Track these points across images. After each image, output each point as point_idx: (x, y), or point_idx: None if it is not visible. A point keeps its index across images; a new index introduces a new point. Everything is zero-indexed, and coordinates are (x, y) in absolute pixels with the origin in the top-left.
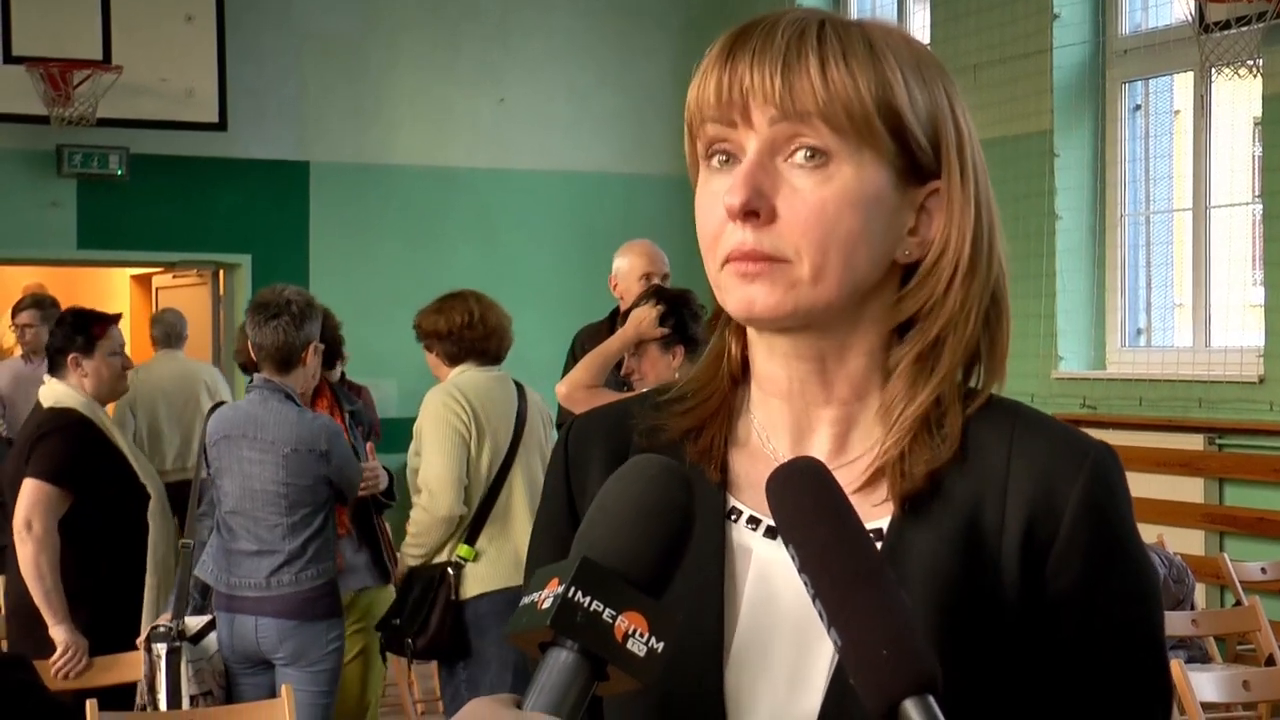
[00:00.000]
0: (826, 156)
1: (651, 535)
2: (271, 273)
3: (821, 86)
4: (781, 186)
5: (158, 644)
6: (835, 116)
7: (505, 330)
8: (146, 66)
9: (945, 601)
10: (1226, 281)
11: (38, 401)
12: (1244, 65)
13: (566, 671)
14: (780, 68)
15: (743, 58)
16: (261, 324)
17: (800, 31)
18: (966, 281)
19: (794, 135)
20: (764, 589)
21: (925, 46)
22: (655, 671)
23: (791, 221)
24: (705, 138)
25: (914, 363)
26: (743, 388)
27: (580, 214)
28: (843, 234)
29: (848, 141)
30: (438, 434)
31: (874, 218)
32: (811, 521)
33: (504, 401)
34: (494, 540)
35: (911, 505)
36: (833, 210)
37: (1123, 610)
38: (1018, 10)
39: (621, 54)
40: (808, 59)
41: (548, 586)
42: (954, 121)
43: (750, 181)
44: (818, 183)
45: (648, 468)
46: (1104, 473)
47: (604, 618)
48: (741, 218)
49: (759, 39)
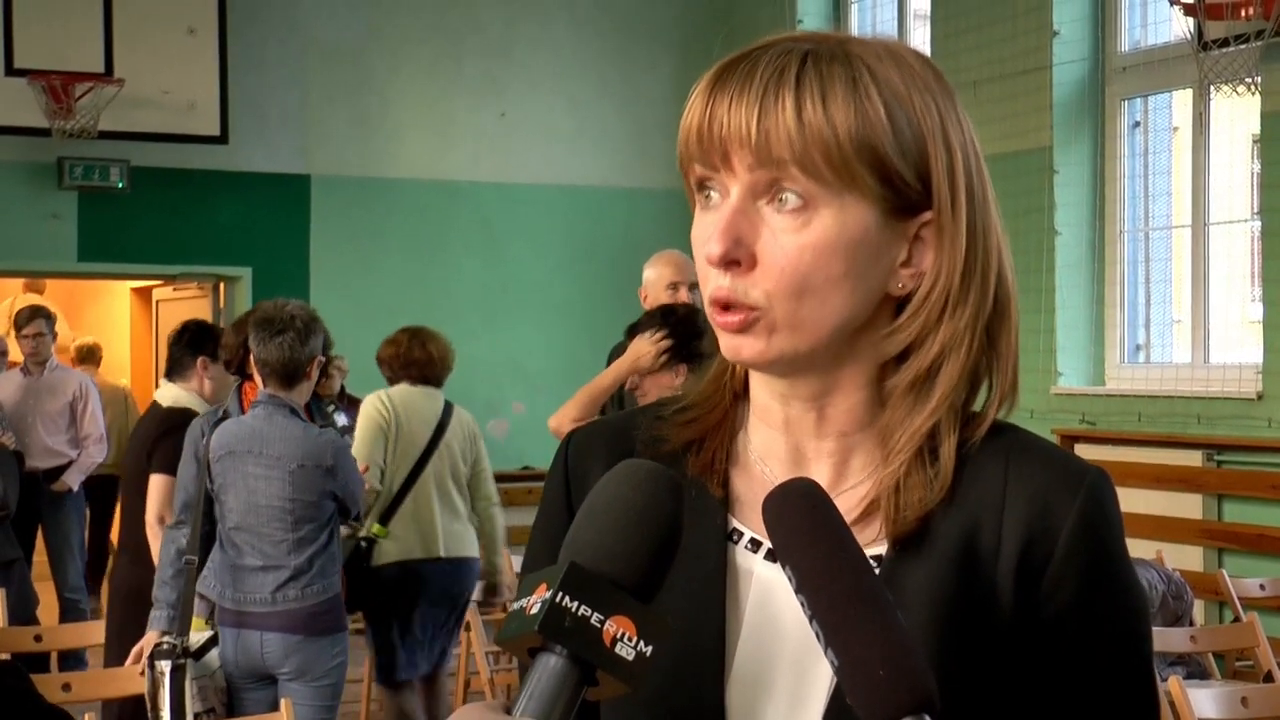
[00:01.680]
0: (806, 202)
1: (640, 539)
2: (272, 286)
3: (797, 132)
4: (763, 231)
5: (160, 661)
6: (812, 163)
7: (436, 359)
8: (148, 79)
9: (941, 625)
10: (1225, 298)
11: (154, 402)
12: (1242, 83)
13: (556, 676)
14: (757, 113)
15: (722, 100)
16: (266, 340)
17: (780, 70)
18: (958, 311)
19: (774, 180)
20: (765, 612)
21: (924, 61)
22: (644, 675)
23: (769, 269)
24: (693, 175)
25: (908, 390)
26: (744, 403)
27: (582, 227)
28: (821, 280)
29: (827, 186)
30: (363, 425)
31: (859, 259)
32: (808, 542)
33: (427, 411)
34: (402, 521)
35: (904, 545)
36: (810, 258)
37: (1115, 631)
38: (1018, 27)
39: (623, 68)
40: (784, 102)
41: (536, 592)
42: (946, 148)
43: (730, 232)
44: (796, 229)
45: (636, 472)
46: (1098, 497)
47: (592, 622)
48: (722, 267)
49: (739, 79)
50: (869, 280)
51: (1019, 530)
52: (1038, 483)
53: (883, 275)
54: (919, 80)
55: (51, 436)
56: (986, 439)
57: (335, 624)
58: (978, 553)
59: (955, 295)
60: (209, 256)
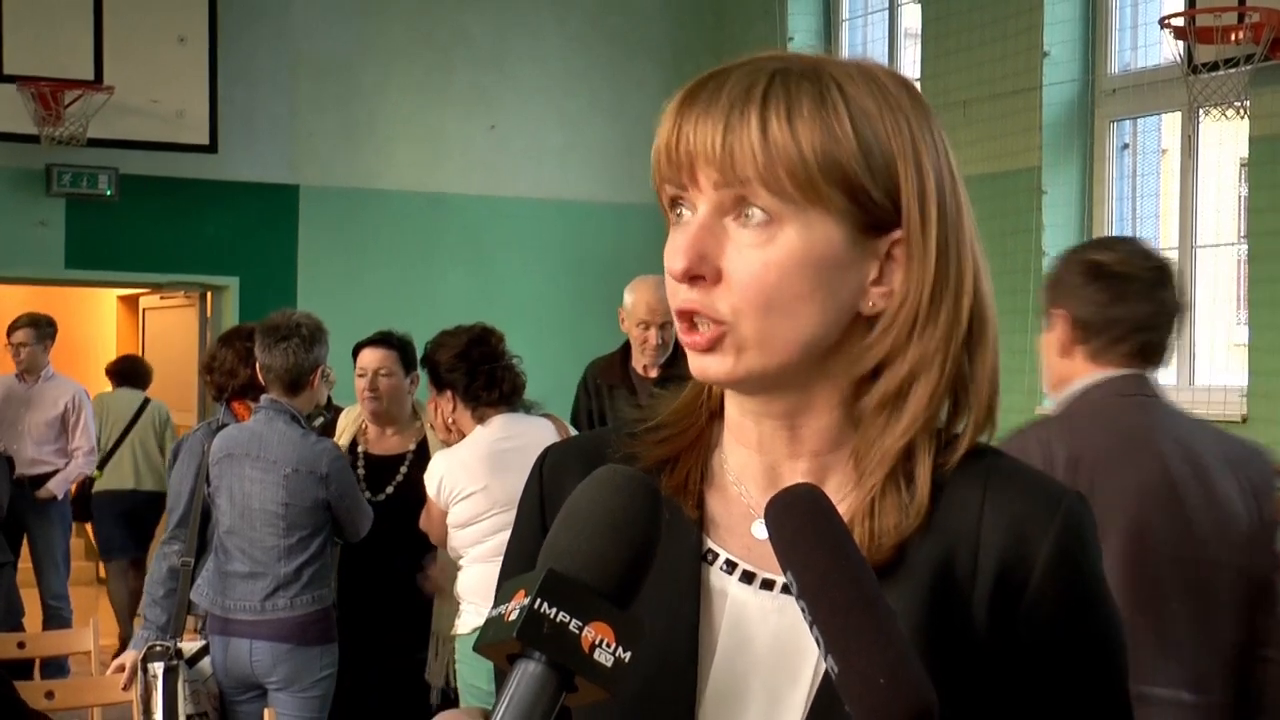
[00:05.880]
0: (772, 218)
1: (617, 545)
2: (260, 296)
3: (761, 150)
4: (728, 247)
5: (153, 663)
6: (776, 180)
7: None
8: (138, 87)
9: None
10: (1211, 321)
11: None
12: (1231, 106)
13: (534, 683)
14: (722, 129)
15: (689, 118)
16: (271, 346)
17: (747, 88)
18: (928, 330)
19: (739, 198)
20: (739, 635)
21: (899, 82)
22: (623, 681)
23: (734, 285)
24: (665, 194)
25: (878, 410)
26: (719, 421)
27: (570, 241)
28: (787, 297)
29: (792, 203)
30: None
31: (824, 277)
32: (810, 548)
33: None
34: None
35: (879, 573)
36: (775, 275)
37: (1091, 660)
38: (1008, 47)
39: (613, 83)
40: (749, 119)
41: (514, 598)
42: (917, 167)
43: (694, 247)
44: (761, 245)
45: (614, 478)
46: (1075, 522)
47: (570, 629)
48: (686, 282)
49: (707, 97)
50: (838, 298)
51: (995, 558)
52: (1014, 509)
53: (853, 293)
54: (891, 100)
55: (38, 446)
56: (965, 462)
57: (325, 634)
58: (954, 580)
59: (924, 314)
60: (197, 265)
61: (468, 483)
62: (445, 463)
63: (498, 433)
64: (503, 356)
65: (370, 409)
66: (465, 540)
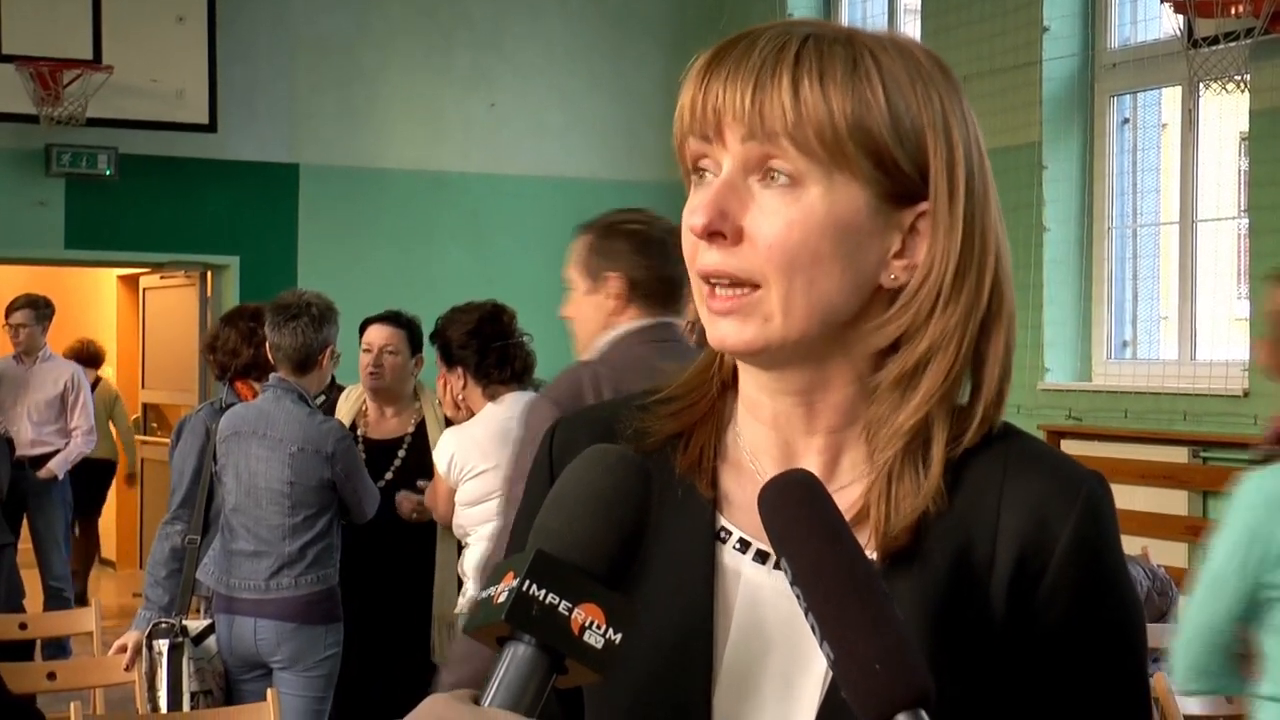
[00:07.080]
0: (796, 180)
1: (608, 526)
2: (260, 275)
3: (792, 107)
4: (751, 206)
5: (159, 640)
6: (804, 139)
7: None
8: (137, 67)
9: (933, 638)
10: (1212, 295)
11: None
12: (1232, 80)
13: (524, 666)
14: (752, 86)
15: (718, 74)
16: (281, 325)
17: (779, 48)
18: (950, 307)
19: (765, 156)
20: (754, 614)
21: (931, 56)
22: (614, 663)
23: (757, 243)
24: (688, 153)
25: (894, 386)
26: (732, 394)
27: (571, 220)
28: (808, 258)
29: (818, 164)
30: None
31: (846, 242)
32: (805, 535)
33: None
34: None
35: (894, 558)
36: (798, 233)
37: (1110, 645)
38: (1008, 22)
39: (613, 61)
40: (781, 78)
41: (504, 580)
42: (946, 140)
43: (716, 203)
44: (785, 204)
45: (604, 458)
46: (1096, 508)
47: (560, 610)
48: (706, 239)
49: (737, 55)
50: (859, 266)
51: (1014, 542)
52: (1034, 493)
53: (874, 264)
54: (924, 72)
55: (38, 427)
56: (985, 443)
57: (330, 614)
58: (971, 564)
59: (947, 290)
60: (197, 245)
61: (479, 460)
62: (456, 439)
63: (510, 410)
64: (514, 334)
65: (372, 385)
66: (473, 518)
